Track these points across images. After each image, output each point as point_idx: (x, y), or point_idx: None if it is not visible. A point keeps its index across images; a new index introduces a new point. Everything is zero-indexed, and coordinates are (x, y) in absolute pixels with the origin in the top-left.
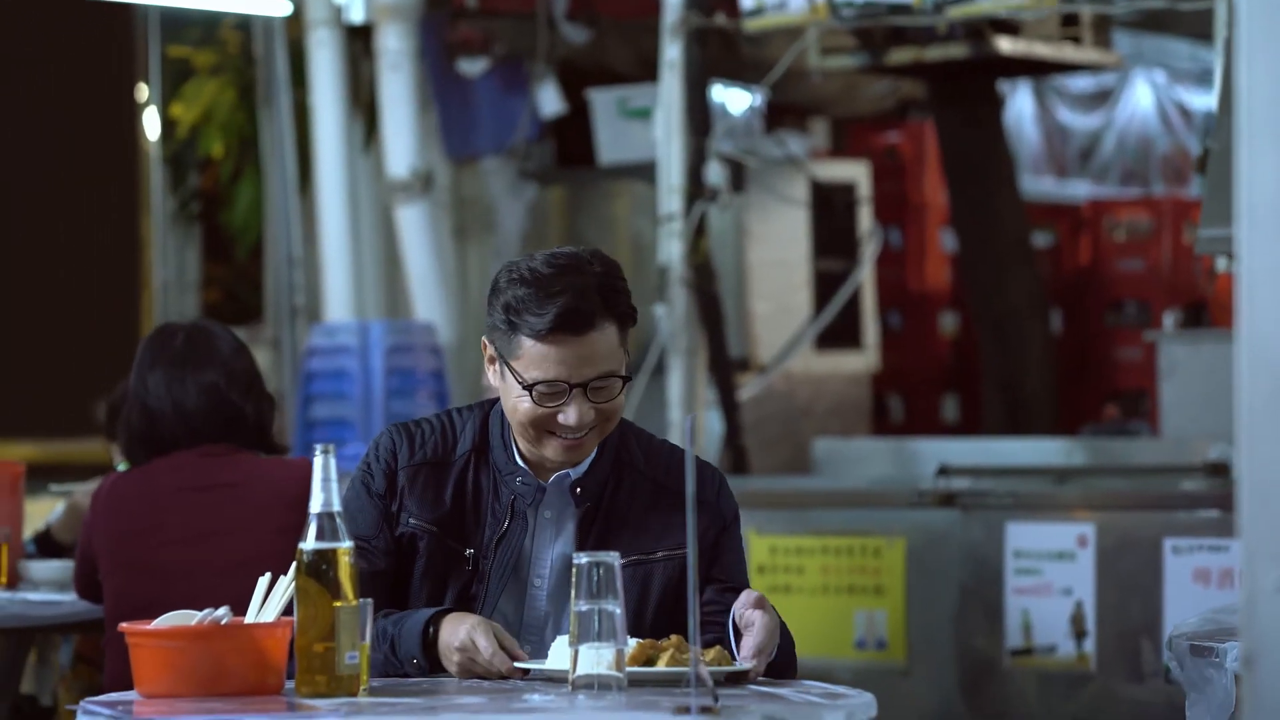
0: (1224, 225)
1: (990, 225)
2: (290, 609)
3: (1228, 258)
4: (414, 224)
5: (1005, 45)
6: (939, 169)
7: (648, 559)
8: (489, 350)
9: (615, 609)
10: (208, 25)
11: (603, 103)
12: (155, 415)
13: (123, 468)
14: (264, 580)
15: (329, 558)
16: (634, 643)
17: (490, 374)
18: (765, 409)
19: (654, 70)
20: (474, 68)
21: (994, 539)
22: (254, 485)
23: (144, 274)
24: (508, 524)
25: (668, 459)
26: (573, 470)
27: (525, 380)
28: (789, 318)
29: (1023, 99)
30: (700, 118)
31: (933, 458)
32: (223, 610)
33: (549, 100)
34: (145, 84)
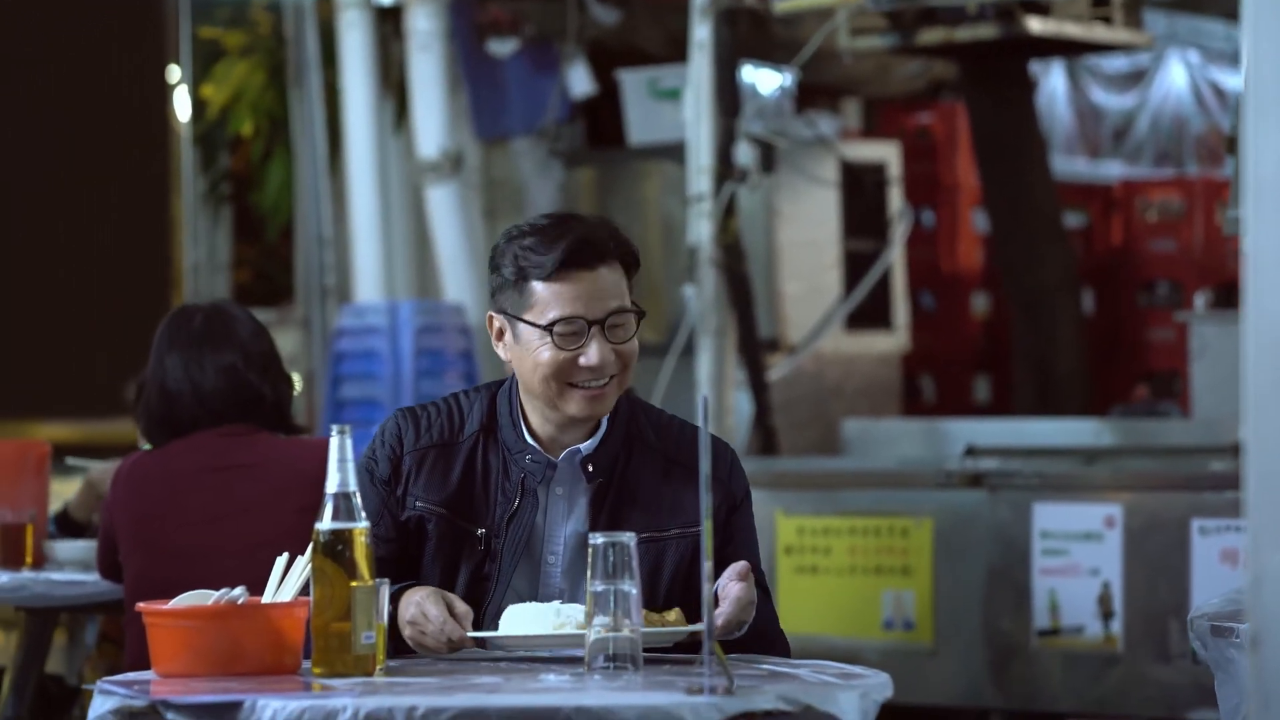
0: None
1: (1022, 205)
2: (307, 589)
3: None
4: (444, 204)
5: (1035, 26)
6: (971, 149)
7: (661, 536)
8: (496, 323)
9: (631, 589)
10: (238, 6)
11: (633, 83)
12: (173, 397)
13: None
14: (281, 560)
15: (345, 538)
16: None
17: (500, 348)
18: (795, 389)
19: (684, 51)
20: (504, 48)
21: (1021, 519)
22: (273, 466)
23: (175, 255)
24: (519, 502)
25: (679, 434)
26: (583, 446)
27: (543, 322)
28: (819, 298)
29: (1056, 79)
30: (730, 98)
31: (962, 438)
32: (239, 590)
33: (579, 81)
34: (176, 65)
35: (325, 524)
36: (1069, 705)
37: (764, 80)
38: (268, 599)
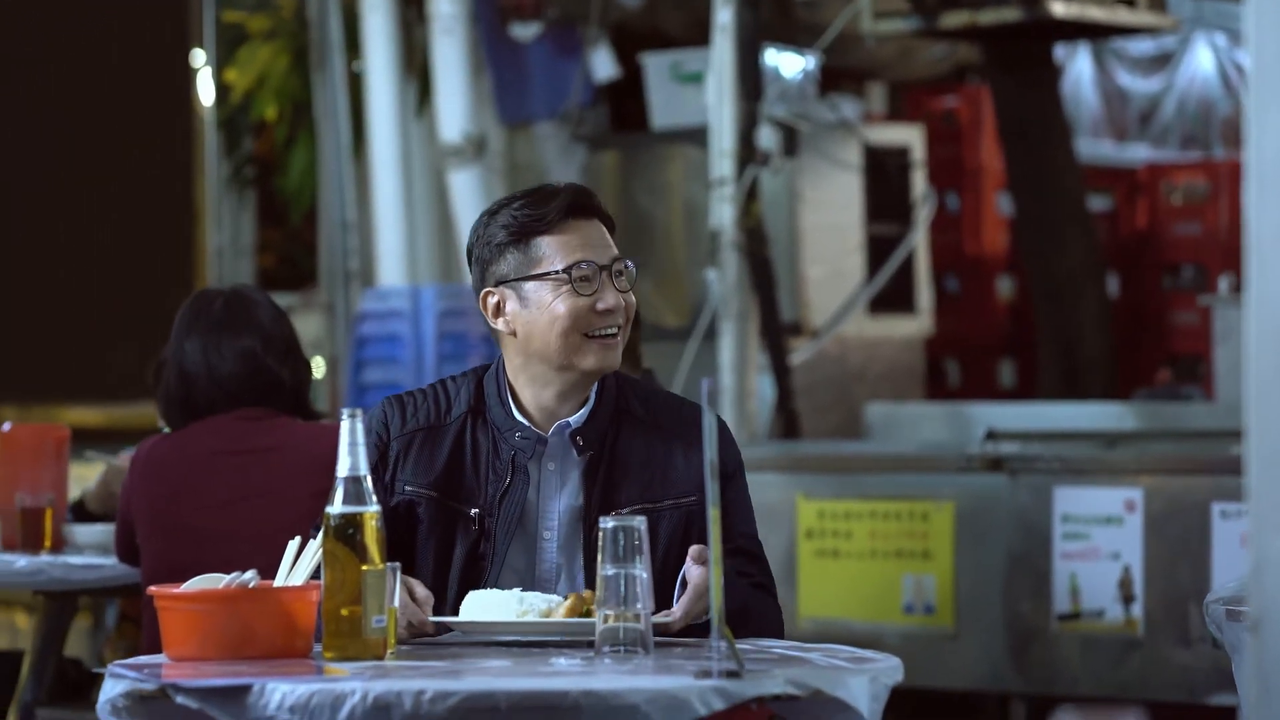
0: None
1: (1046, 189)
2: (319, 573)
3: None
4: (466, 189)
5: (1058, 9)
6: (996, 133)
7: (654, 507)
8: (494, 298)
9: (641, 573)
10: None
11: (656, 67)
12: (191, 380)
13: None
14: (293, 544)
15: (356, 522)
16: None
17: (501, 323)
18: (817, 374)
19: (707, 34)
20: (527, 32)
21: (1042, 503)
22: (290, 450)
23: (198, 239)
24: (510, 479)
25: (667, 405)
26: (572, 420)
27: (561, 266)
28: (842, 282)
29: (1082, 62)
30: (752, 82)
31: (985, 422)
32: (250, 574)
33: (602, 65)
34: (200, 49)
35: (336, 508)
36: (1089, 689)
37: (787, 64)
38: (279, 583)
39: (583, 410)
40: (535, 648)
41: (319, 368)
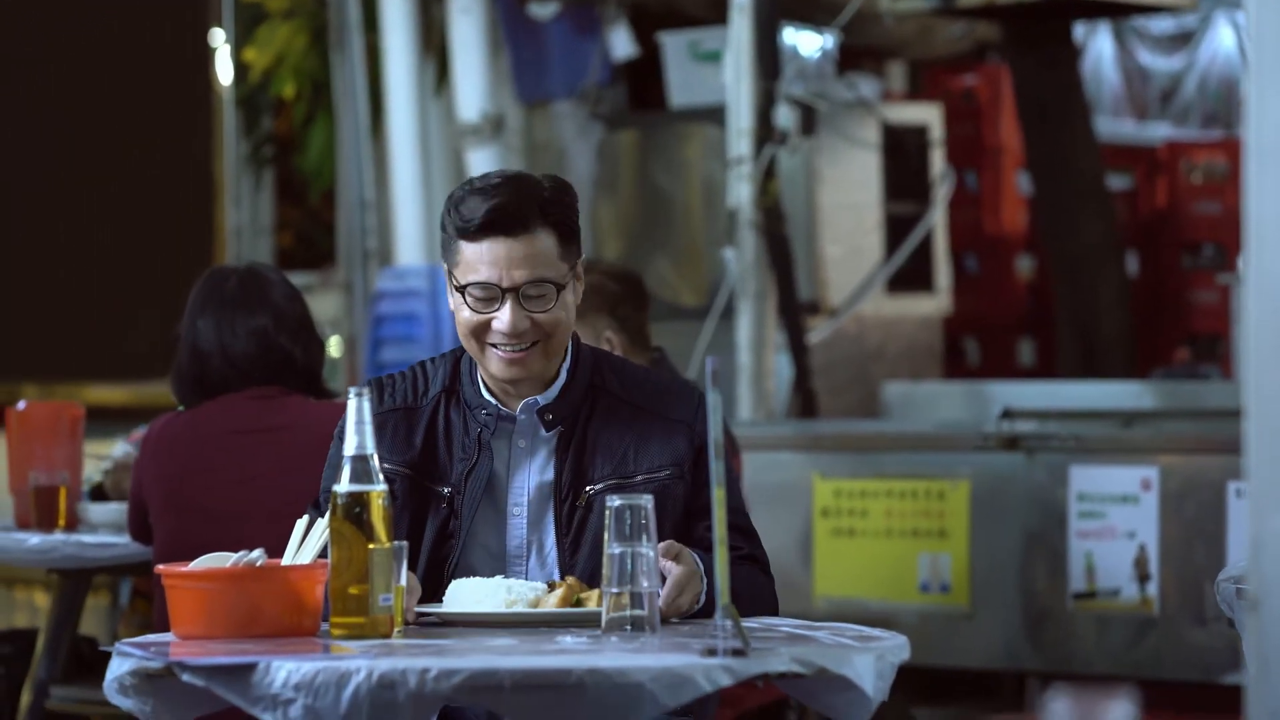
0: None
1: (1065, 168)
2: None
3: None
4: (484, 167)
5: None
6: (1015, 112)
7: (626, 483)
8: (445, 266)
9: (648, 551)
10: None
11: (674, 46)
12: (204, 358)
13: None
14: (302, 522)
15: (363, 500)
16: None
17: (449, 293)
18: (835, 352)
19: (725, 13)
20: (545, 11)
21: (1058, 482)
22: (302, 429)
23: (217, 218)
24: (477, 456)
25: (645, 382)
26: (541, 397)
27: (458, 284)
28: (860, 261)
29: (1103, 40)
30: (770, 61)
31: (1003, 401)
32: (257, 552)
33: (620, 43)
34: (218, 28)
35: (343, 486)
36: (1104, 668)
37: (805, 42)
38: (287, 561)
39: (553, 387)
40: (541, 627)
41: (336, 347)
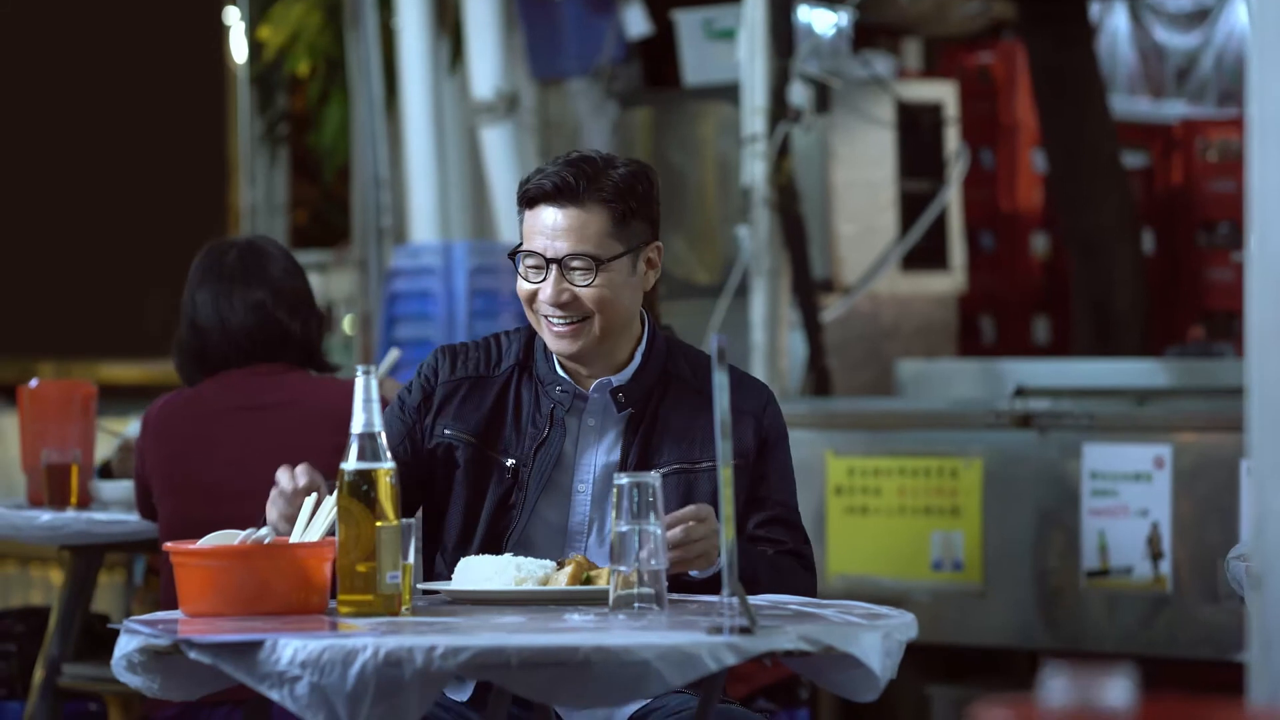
0: None
1: (1080, 146)
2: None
3: None
4: (499, 145)
5: None
6: (1031, 89)
7: (692, 469)
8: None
9: (656, 529)
10: None
11: (688, 24)
12: (203, 332)
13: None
14: (310, 500)
15: (370, 478)
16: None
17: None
18: (849, 330)
19: None
20: None
21: (1071, 460)
22: (303, 405)
23: (232, 197)
24: (548, 432)
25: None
26: (615, 378)
27: (513, 249)
28: (874, 239)
29: (1118, 18)
30: (784, 38)
31: (1017, 379)
32: (265, 530)
33: (635, 21)
34: (233, 6)
35: (350, 464)
36: (1117, 646)
37: (819, 20)
38: (295, 539)
39: (628, 369)
40: (550, 604)
41: (350, 324)
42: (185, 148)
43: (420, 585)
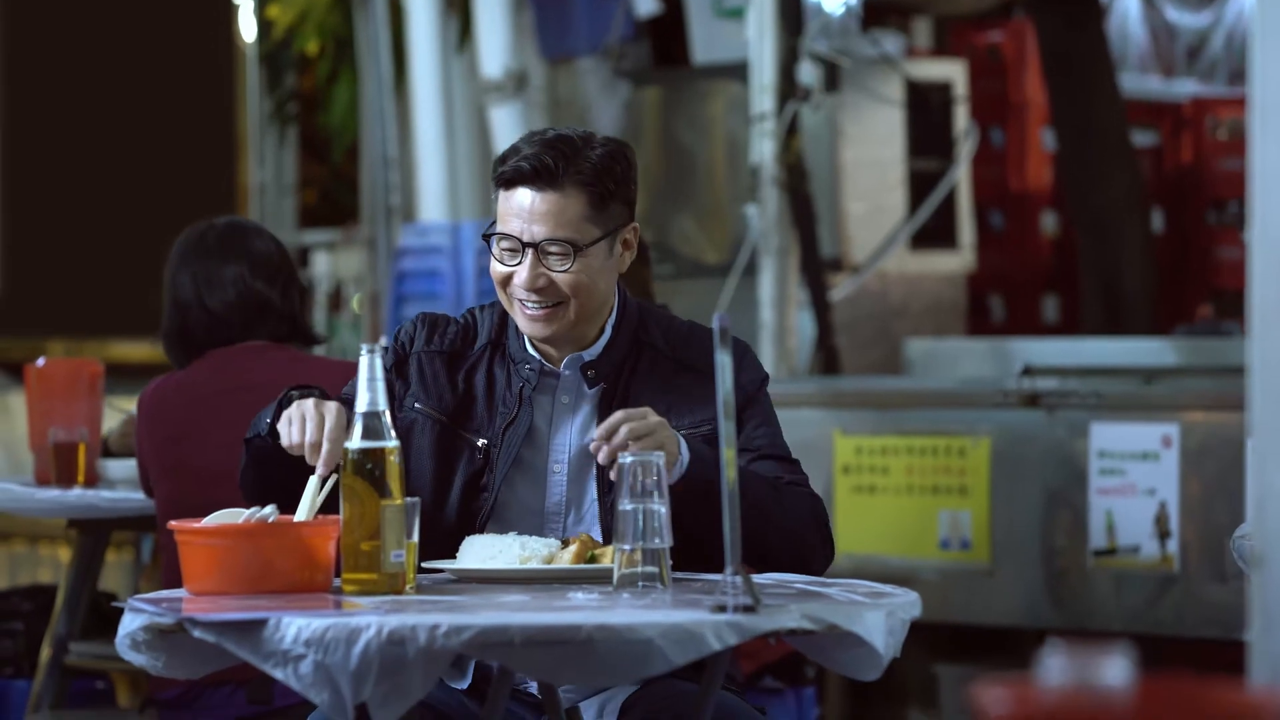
0: None
1: (1089, 125)
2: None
3: None
4: (508, 124)
5: None
6: (1040, 69)
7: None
8: None
9: (660, 508)
10: None
11: (697, 2)
12: (184, 310)
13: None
14: (314, 479)
15: (375, 457)
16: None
17: None
18: (858, 309)
19: None
20: None
21: (1078, 439)
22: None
23: (240, 176)
24: (517, 411)
25: (688, 336)
26: (586, 353)
27: (486, 230)
28: (883, 217)
29: None
30: (793, 17)
31: (1026, 358)
32: (269, 508)
33: (644, 0)
34: None
35: (355, 443)
36: (1125, 625)
37: None
38: (299, 517)
39: (598, 343)
40: (555, 583)
41: (359, 304)
42: (194, 126)
43: (428, 564)
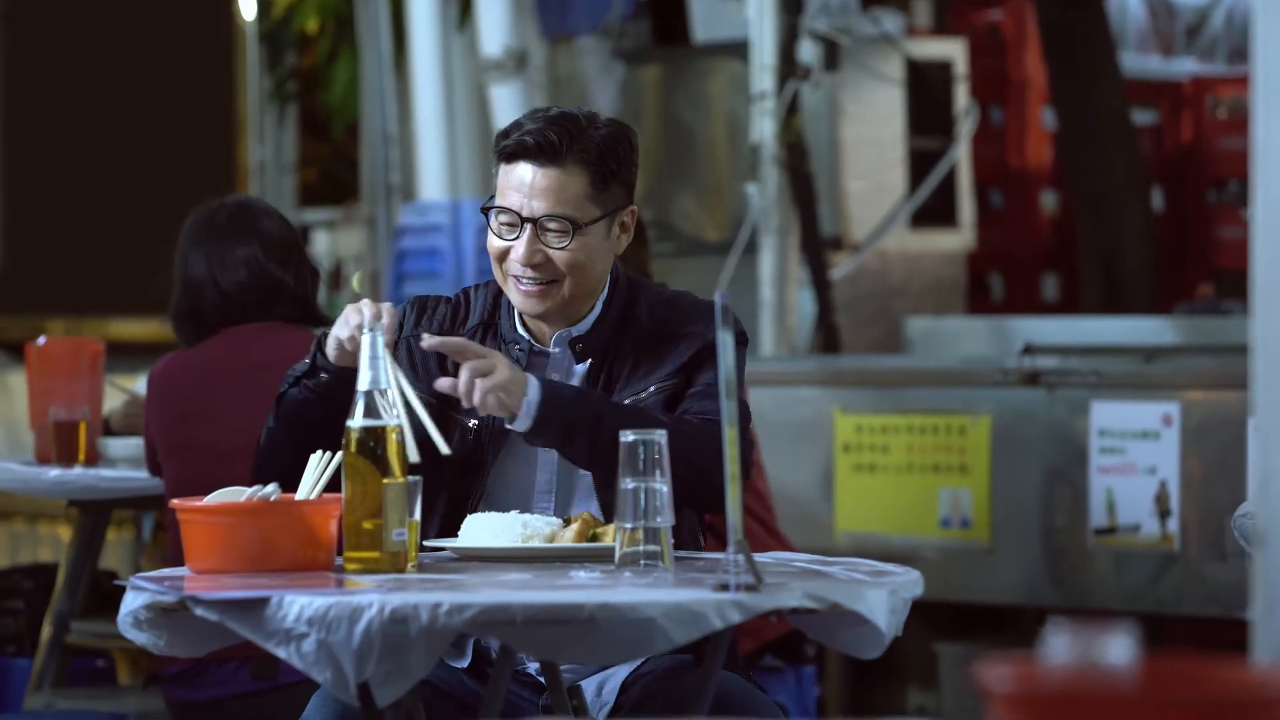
0: None
1: (1089, 105)
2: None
3: None
4: (508, 103)
5: None
6: (1040, 48)
7: (639, 396)
8: None
9: (661, 486)
10: None
11: None
12: (196, 290)
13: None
14: (316, 457)
15: (378, 435)
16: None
17: None
18: (858, 288)
19: None
20: None
21: (1079, 418)
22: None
23: (240, 154)
24: None
25: (669, 304)
26: (575, 329)
27: (484, 204)
28: (883, 196)
29: None
30: None
31: (1026, 336)
32: (272, 487)
33: None
34: None
35: (357, 421)
36: (1124, 604)
37: None
38: (302, 496)
39: (588, 319)
40: (556, 562)
41: (359, 282)
42: (194, 105)
43: (430, 542)
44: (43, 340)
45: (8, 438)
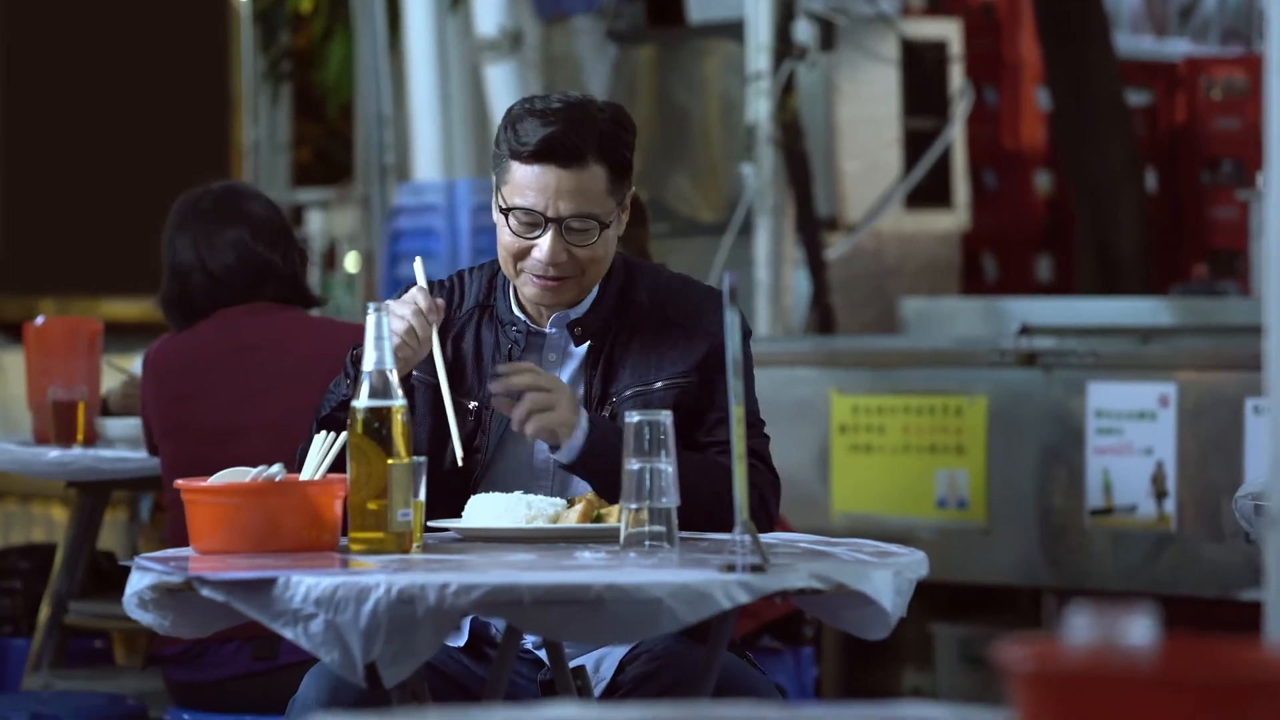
0: None
1: (1083, 86)
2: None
3: None
4: (502, 83)
5: None
6: (1035, 29)
7: (647, 390)
8: (494, 191)
9: (667, 467)
10: None
11: None
12: (184, 275)
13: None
14: (320, 437)
15: (383, 415)
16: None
17: (494, 209)
18: (853, 268)
19: None
20: None
21: (1075, 398)
22: (295, 343)
23: (234, 134)
24: None
25: (672, 290)
26: (573, 311)
27: (505, 204)
28: (878, 176)
29: None
30: None
31: (1021, 317)
32: (276, 467)
33: None
34: None
35: (362, 401)
36: (1121, 584)
37: None
38: (306, 476)
39: (585, 301)
40: (561, 542)
41: (354, 262)
42: (188, 84)
43: (434, 523)
44: (41, 320)
45: (2, 417)
